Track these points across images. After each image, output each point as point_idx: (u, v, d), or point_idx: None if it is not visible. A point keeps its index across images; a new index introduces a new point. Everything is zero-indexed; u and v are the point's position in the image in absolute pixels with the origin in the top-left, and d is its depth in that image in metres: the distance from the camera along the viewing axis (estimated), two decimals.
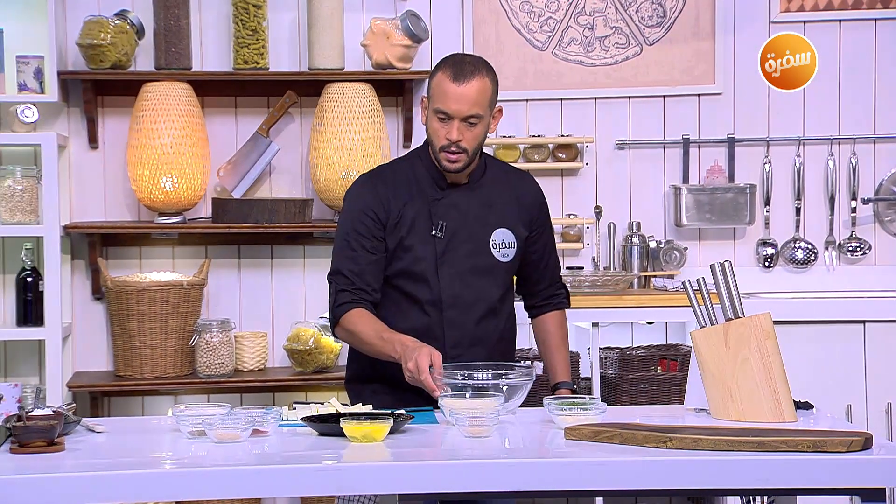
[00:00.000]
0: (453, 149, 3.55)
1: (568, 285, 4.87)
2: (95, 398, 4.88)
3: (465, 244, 3.64)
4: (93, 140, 5.03)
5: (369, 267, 3.58)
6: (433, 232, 3.62)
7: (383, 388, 3.62)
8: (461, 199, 3.66)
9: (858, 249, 5.30)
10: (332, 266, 3.62)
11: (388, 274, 3.62)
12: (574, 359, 4.96)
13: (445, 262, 3.62)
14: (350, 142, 4.89)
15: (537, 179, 5.20)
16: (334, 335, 3.66)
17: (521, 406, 3.38)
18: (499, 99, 4.78)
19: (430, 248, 3.61)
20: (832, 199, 5.30)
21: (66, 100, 5.01)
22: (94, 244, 4.96)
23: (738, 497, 4.37)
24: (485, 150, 5.14)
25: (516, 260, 3.72)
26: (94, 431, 3.20)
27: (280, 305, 5.15)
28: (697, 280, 3.39)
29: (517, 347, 5.07)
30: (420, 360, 3.33)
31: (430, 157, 3.65)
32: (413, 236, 3.61)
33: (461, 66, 3.53)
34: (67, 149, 5.04)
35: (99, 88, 5.00)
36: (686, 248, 5.21)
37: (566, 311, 3.88)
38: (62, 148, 4.95)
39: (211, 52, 5.09)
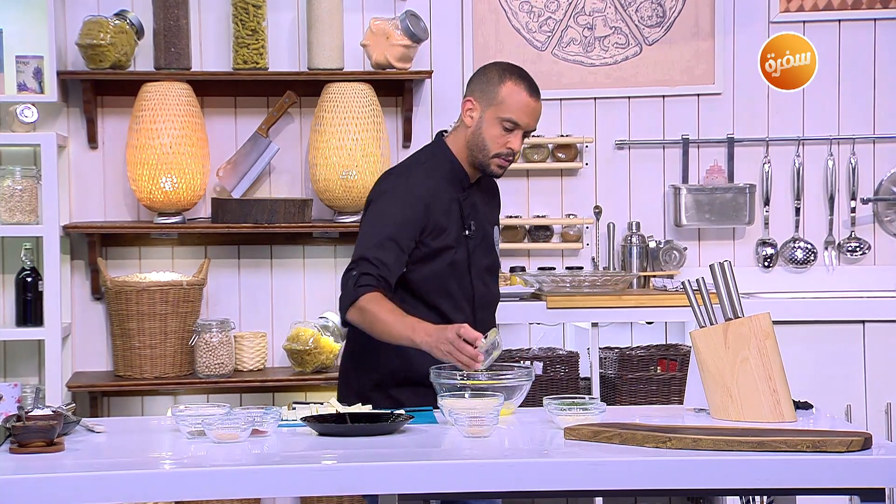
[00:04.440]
0: (509, 157, 3.60)
1: (567, 286, 4.91)
2: (95, 398, 4.88)
3: (482, 243, 3.68)
4: (92, 140, 5.02)
5: (397, 262, 3.50)
6: (466, 232, 3.62)
7: (417, 390, 3.53)
8: (477, 197, 3.70)
9: (858, 249, 5.30)
10: (361, 252, 3.48)
11: (423, 275, 3.57)
12: (573, 359, 4.96)
13: (473, 262, 3.65)
14: (350, 142, 4.89)
15: (537, 179, 5.25)
16: (344, 321, 3.50)
17: (520, 406, 3.38)
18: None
19: (462, 248, 3.62)
20: (832, 199, 5.30)
21: (65, 100, 5.01)
22: (93, 244, 4.96)
23: (738, 497, 4.37)
24: None
25: None
26: (93, 431, 3.20)
27: (279, 305, 5.15)
28: (697, 280, 3.39)
29: (518, 348, 5.11)
30: (465, 330, 3.24)
31: (450, 156, 3.63)
32: (449, 237, 3.59)
33: (531, 81, 3.60)
34: (67, 149, 5.04)
35: (98, 88, 5.00)
36: (685, 248, 5.21)
37: None
38: (62, 148, 4.95)
39: (210, 52, 5.09)
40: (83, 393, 4.87)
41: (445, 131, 3.73)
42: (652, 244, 5.19)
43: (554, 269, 5.13)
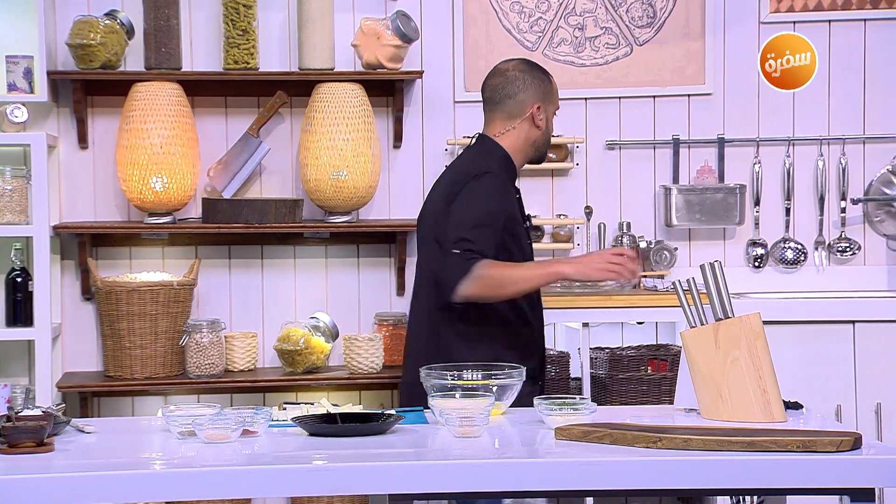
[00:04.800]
0: None
1: (559, 286, 4.91)
2: (85, 398, 4.87)
3: (527, 232, 3.97)
4: (82, 140, 5.02)
5: (490, 245, 3.69)
6: (526, 224, 3.93)
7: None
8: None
9: (848, 250, 5.31)
10: (458, 234, 3.65)
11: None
12: (564, 359, 4.96)
13: (533, 253, 3.96)
14: (340, 142, 4.88)
15: (527, 179, 5.25)
16: (455, 295, 3.62)
17: (511, 406, 3.39)
18: None
19: (526, 240, 3.92)
20: (822, 200, 5.31)
21: (55, 100, 5.01)
22: (83, 244, 4.95)
23: (729, 497, 4.38)
24: None
25: None
26: (83, 432, 3.19)
27: (270, 306, 5.14)
28: (687, 280, 3.39)
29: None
30: (620, 249, 3.64)
31: (505, 153, 3.88)
32: (520, 229, 3.87)
33: None
34: (57, 149, 5.03)
35: (88, 88, 5.00)
36: (676, 249, 5.21)
37: None
38: (52, 148, 4.94)
39: (201, 52, 5.08)
40: (73, 393, 4.86)
41: (481, 133, 3.95)
42: (642, 244, 5.19)
43: None
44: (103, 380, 4.88)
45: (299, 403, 3.37)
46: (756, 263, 5.30)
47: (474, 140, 3.97)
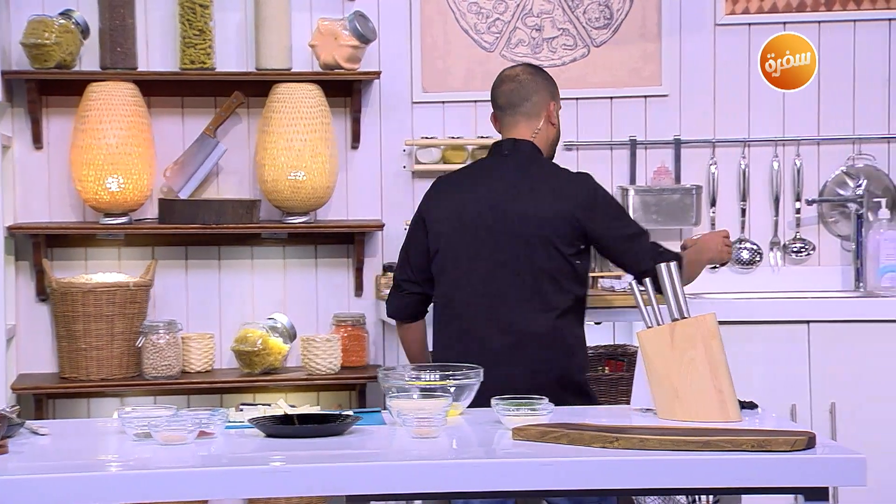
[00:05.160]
0: None
1: None
2: (40, 400, 4.83)
3: None
4: (37, 140, 4.98)
5: None
6: None
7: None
8: None
9: (803, 250, 5.35)
10: (643, 230, 4.08)
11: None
12: None
13: None
14: (298, 143, 4.87)
15: None
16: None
17: (468, 406, 3.39)
18: (448, 100, 5.07)
19: None
20: (777, 201, 5.34)
21: (9, 100, 4.97)
22: (38, 245, 4.91)
23: (684, 496, 4.40)
24: (434, 150, 5.18)
25: None
26: (38, 434, 3.17)
27: (227, 306, 5.13)
28: (644, 281, 3.40)
29: None
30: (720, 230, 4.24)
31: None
32: None
33: None
34: (11, 149, 4.99)
35: (43, 88, 4.96)
36: None
37: None
38: (6, 148, 4.91)
39: (157, 51, 5.06)
40: (28, 395, 4.83)
41: (514, 139, 3.99)
42: None
43: None
44: (58, 381, 4.85)
45: (256, 404, 3.37)
46: (712, 264, 5.32)
47: (511, 145, 3.99)
